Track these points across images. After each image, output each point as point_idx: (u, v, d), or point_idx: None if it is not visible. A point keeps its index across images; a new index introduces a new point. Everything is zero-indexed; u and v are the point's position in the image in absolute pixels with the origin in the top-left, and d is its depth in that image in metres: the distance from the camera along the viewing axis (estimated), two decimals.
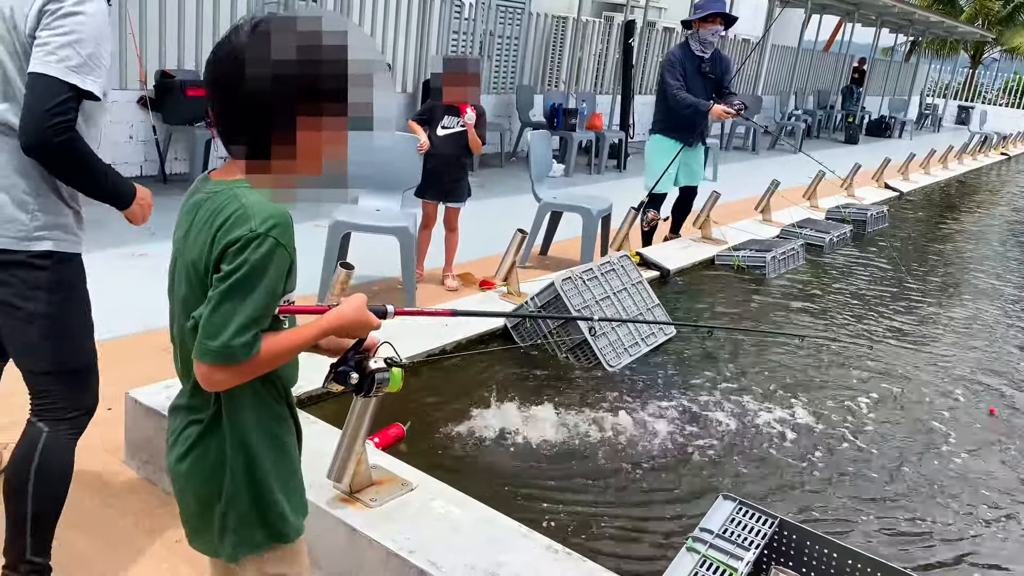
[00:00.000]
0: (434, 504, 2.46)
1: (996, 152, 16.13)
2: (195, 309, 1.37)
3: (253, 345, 1.34)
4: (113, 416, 3.20)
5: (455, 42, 10.28)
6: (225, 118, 1.37)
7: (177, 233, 1.46)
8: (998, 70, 35.33)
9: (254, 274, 1.31)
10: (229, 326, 1.31)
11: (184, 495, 1.54)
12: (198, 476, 1.48)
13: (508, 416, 3.25)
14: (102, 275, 4.78)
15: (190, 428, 1.49)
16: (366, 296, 1.56)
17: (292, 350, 1.44)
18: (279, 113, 1.32)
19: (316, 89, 1.32)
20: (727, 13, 5.72)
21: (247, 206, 1.33)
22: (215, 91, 1.36)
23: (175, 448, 1.51)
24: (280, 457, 1.52)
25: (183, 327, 1.41)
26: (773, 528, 2.35)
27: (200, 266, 1.36)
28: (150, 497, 2.77)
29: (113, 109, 6.96)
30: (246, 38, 1.32)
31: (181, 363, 1.48)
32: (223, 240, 1.32)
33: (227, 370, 1.34)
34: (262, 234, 1.31)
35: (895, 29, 23.02)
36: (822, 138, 18.05)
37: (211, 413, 1.46)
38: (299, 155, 1.36)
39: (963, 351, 4.79)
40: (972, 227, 9.35)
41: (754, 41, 17.45)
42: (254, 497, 1.48)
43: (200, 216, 1.38)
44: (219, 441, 1.46)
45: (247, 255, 1.31)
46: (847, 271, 6.28)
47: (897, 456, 3.36)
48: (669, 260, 5.48)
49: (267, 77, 1.30)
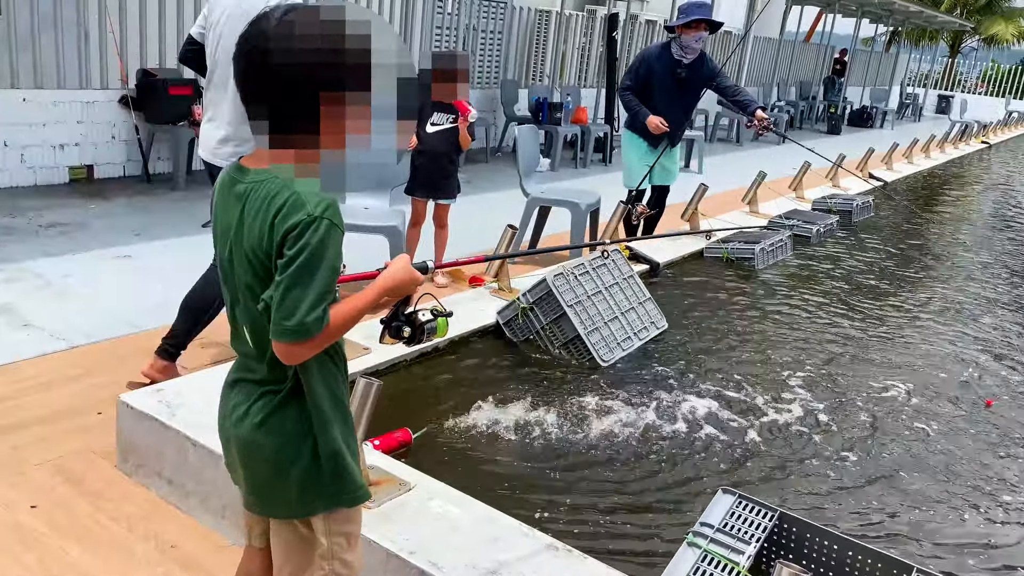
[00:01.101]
0: (432, 504, 2.44)
1: (977, 141, 16.25)
2: (261, 293, 1.46)
3: (324, 319, 1.44)
4: (104, 421, 3.18)
5: (438, 37, 10.23)
6: (253, 98, 1.43)
7: (222, 223, 1.53)
8: (976, 59, 35.65)
9: (316, 255, 1.40)
10: (301, 306, 1.41)
11: (254, 463, 1.62)
12: (275, 442, 1.57)
13: (504, 413, 3.24)
14: (87, 278, 4.76)
15: (264, 398, 1.58)
16: (405, 256, 1.70)
17: (356, 316, 1.53)
18: (302, 96, 1.38)
19: (339, 74, 1.38)
20: (711, 19, 5.51)
21: (300, 192, 1.41)
22: (244, 73, 1.43)
23: (247, 418, 1.59)
24: (346, 424, 1.63)
25: (251, 310, 1.51)
26: (773, 521, 2.35)
27: (261, 252, 1.44)
28: (144, 502, 2.74)
29: (94, 109, 6.89)
30: (273, 24, 1.39)
31: (251, 343, 1.57)
32: (282, 226, 1.40)
33: (304, 344, 1.45)
34: (318, 217, 1.40)
35: (875, 19, 23.16)
36: (805, 129, 18.11)
37: (290, 384, 1.56)
38: (322, 137, 1.41)
39: (961, 338, 4.82)
40: (962, 215, 9.42)
41: (736, 33, 17.50)
42: (329, 461, 1.58)
43: (251, 205, 1.46)
44: (297, 410, 1.56)
45: (307, 238, 1.39)
46: (836, 261, 6.30)
47: (896, 447, 3.37)
48: (659, 253, 5.48)
49: (291, 63, 1.37)
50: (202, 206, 6.49)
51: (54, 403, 3.31)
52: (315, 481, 1.60)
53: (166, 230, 5.81)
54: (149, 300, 4.44)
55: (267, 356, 1.54)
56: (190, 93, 7.13)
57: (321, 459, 1.58)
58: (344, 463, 1.61)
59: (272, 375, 1.57)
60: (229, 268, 1.55)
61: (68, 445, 3.01)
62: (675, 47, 5.59)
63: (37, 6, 6.50)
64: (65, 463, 2.90)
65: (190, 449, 2.66)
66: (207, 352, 3.86)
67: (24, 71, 6.52)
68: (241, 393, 1.62)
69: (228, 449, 1.69)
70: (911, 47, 30.42)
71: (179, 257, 5.28)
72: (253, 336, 1.57)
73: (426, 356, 3.65)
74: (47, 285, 4.57)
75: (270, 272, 1.45)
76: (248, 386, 1.62)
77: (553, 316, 3.86)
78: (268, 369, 1.57)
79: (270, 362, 1.55)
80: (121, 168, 7.22)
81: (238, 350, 1.65)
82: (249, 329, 1.57)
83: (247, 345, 1.60)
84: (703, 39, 5.51)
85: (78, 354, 3.78)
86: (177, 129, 7.02)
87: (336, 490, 1.62)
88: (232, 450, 1.66)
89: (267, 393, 1.58)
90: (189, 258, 5.33)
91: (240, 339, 1.62)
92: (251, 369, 1.61)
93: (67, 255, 5.10)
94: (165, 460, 2.75)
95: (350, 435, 1.66)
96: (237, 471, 1.69)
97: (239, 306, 1.57)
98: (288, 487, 1.60)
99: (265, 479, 1.62)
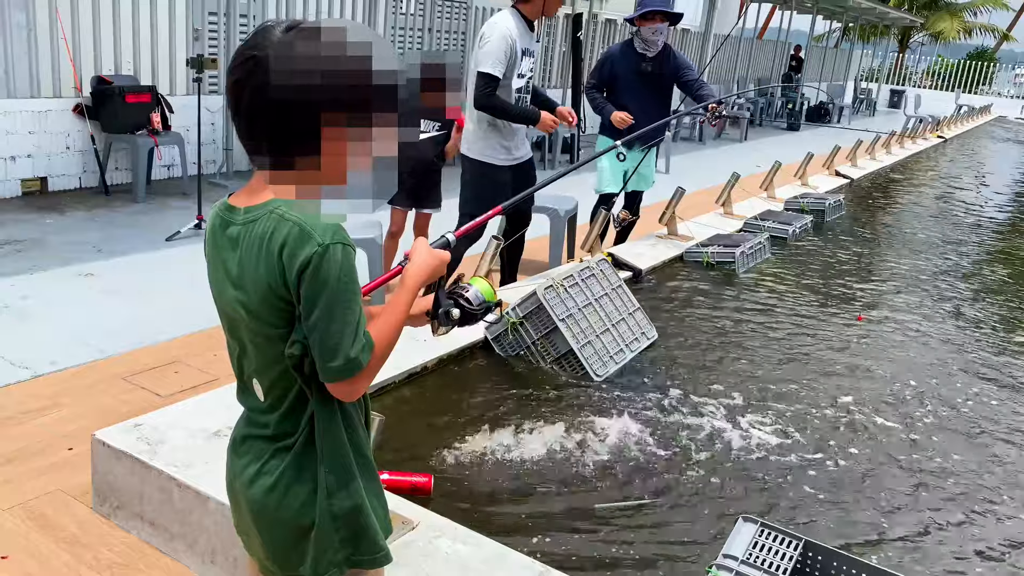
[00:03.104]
0: (440, 543, 2.31)
1: (933, 136, 16.48)
2: (277, 336, 1.37)
3: (368, 345, 1.37)
4: (76, 457, 2.98)
5: (401, 38, 10.06)
6: (248, 126, 1.34)
7: (219, 270, 1.41)
8: (922, 53, 36.41)
9: (340, 286, 1.32)
10: (344, 342, 1.33)
11: (272, 527, 1.49)
12: (294, 504, 1.46)
13: (500, 436, 3.10)
14: (48, 299, 4.51)
15: (277, 457, 1.46)
16: (423, 239, 1.60)
17: (399, 326, 1.46)
18: (302, 119, 1.29)
19: (339, 97, 1.30)
20: (669, 11, 5.39)
21: (301, 223, 1.31)
22: (238, 98, 1.33)
23: (260, 479, 1.46)
24: (368, 475, 1.52)
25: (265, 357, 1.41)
26: (798, 551, 2.25)
27: (272, 296, 1.34)
28: (124, 548, 2.56)
29: (47, 119, 6.60)
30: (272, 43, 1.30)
31: (263, 393, 1.46)
32: (293, 263, 1.30)
33: (359, 377, 1.38)
34: (329, 244, 1.30)
35: (829, 16, 23.47)
36: (764, 126, 18.26)
37: (303, 438, 1.45)
38: (323, 164, 1.32)
39: (961, 338, 4.80)
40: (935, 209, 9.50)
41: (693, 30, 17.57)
42: (349, 517, 1.47)
43: (247, 248, 1.35)
44: (313, 465, 1.45)
45: (325, 271, 1.30)
46: (816, 261, 6.27)
47: (919, 463, 3.26)
48: (640, 259, 5.39)
49: (291, 84, 1.28)
50: (164, 218, 6.26)
51: (20, 439, 3.10)
52: (331, 541, 1.48)
53: (129, 245, 5.58)
54: (115, 322, 4.23)
55: (281, 407, 1.44)
56: (148, 101, 6.88)
57: (340, 517, 1.46)
58: (366, 521, 1.50)
59: (283, 428, 1.46)
60: (234, 316, 1.42)
61: (39, 486, 2.81)
62: (637, 41, 5.51)
63: None
64: (37, 506, 2.71)
65: (175, 490, 2.48)
66: (179, 378, 3.67)
67: None
68: (251, 452, 1.50)
69: (238, 512, 1.55)
70: (863, 43, 30.92)
71: (145, 274, 5.06)
72: (265, 384, 1.45)
73: (414, 377, 3.50)
74: (4, 308, 4.33)
75: (284, 313, 1.35)
76: (258, 443, 1.49)
77: (544, 330, 3.73)
78: (279, 421, 1.46)
79: (283, 414, 1.45)
80: (77, 180, 6.93)
81: (245, 404, 1.53)
82: (261, 379, 1.45)
83: (255, 399, 1.48)
84: (662, 31, 5.42)
85: (42, 383, 3.56)
86: (135, 138, 6.76)
87: (352, 551, 1.50)
88: (243, 514, 1.52)
89: (280, 450, 1.46)
90: (155, 275, 5.16)
91: (247, 392, 1.50)
92: (261, 424, 1.49)
93: (24, 274, 4.85)
94: (147, 502, 2.57)
95: (374, 488, 1.54)
96: (250, 536, 1.55)
97: (246, 357, 1.46)
98: (304, 552, 1.49)
99: (283, 543, 1.50)
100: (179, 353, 3.91)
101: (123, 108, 6.72)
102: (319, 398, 1.42)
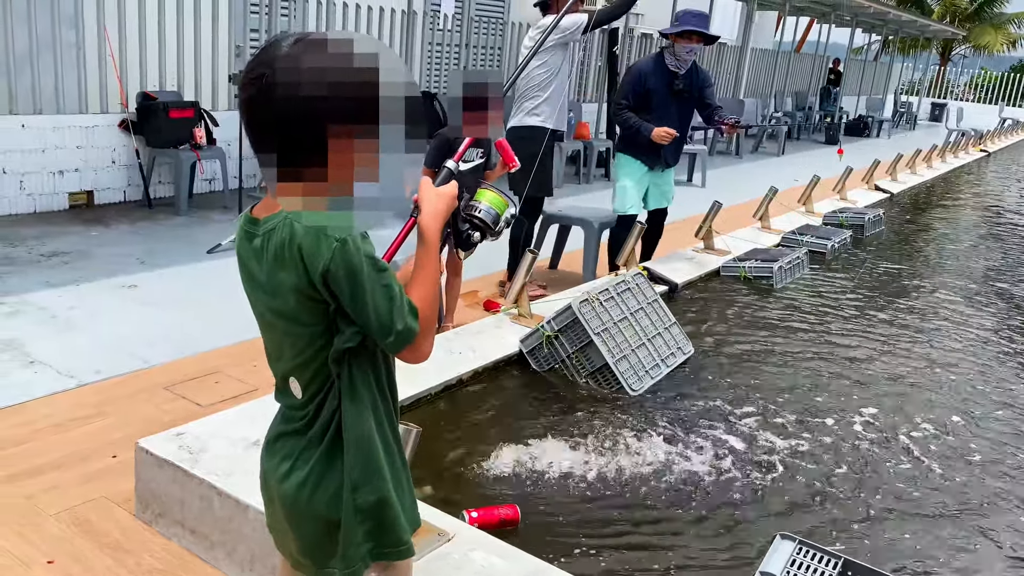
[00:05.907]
0: (475, 556, 2.31)
1: (976, 149, 16.22)
2: (312, 329, 1.42)
3: (413, 310, 1.42)
4: (119, 465, 3.04)
5: (439, 54, 10.16)
6: (257, 137, 1.38)
7: (249, 282, 1.49)
8: (964, 66, 35.79)
9: (368, 269, 1.36)
10: (391, 318, 1.39)
11: (305, 524, 1.54)
12: (324, 497, 1.50)
13: (538, 450, 3.11)
14: (93, 309, 4.61)
15: (309, 449, 1.51)
16: (426, 179, 1.61)
17: (435, 282, 1.50)
18: (309, 130, 1.32)
19: (345, 109, 1.32)
20: (706, 32, 5.25)
21: (314, 224, 1.35)
22: (248, 110, 1.37)
23: (292, 475, 1.52)
24: (395, 469, 1.55)
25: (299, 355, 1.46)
26: (837, 569, 2.23)
27: (303, 295, 1.39)
28: (165, 554, 2.60)
29: (95, 134, 6.76)
30: (280, 56, 1.33)
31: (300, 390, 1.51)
32: (316, 264, 1.35)
33: (418, 342, 1.44)
34: (344, 238, 1.35)
35: (868, 29, 23.21)
36: (803, 139, 18.09)
37: (332, 431, 1.50)
38: (330, 176, 1.35)
39: (1011, 362, 4.71)
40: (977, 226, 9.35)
41: (729, 44, 17.49)
42: (375, 510, 1.51)
43: (270, 255, 1.41)
44: (342, 458, 1.49)
45: (349, 262, 1.34)
46: (854, 277, 6.20)
47: (962, 478, 3.22)
48: (675, 273, 5.37)
49: (297, 96, 1.31)
50: (206, 231, 6.36)
51: (66, 447, 3.17)
52: (355, 534, 1.52)
53: (171, 257, 5.68)
54: (157, 332, 4.30)
55: (314, 401, 1.50)
56: (191, 116, 7.01)
57: (364, 510, 1.51)
58: (392, 513, 1.54)
59: (318, 420, 1.52)
60: (269, 321, 1.49)
61: (84, 493, 2.87)
62: (668, 57, 5.33)
63: (35, 29, 6.38)
64: (82, 512, 2.76)
65: (215, 498, 2.52)
66: (220, 388, 3.73)
67: (23, 96, 6.39)
68: (284, 448, 1.56)
69: (271, 508, 1.59)
70: (903, 56, 30.52)
71: (186, 286, 5.15)
72: (303, 381, 1.51)
73: (450, 389, 3.52)
74: (51, 318, 4.43)
75: (316, 312, 1.41)
76: (291, 440, 1.55)
77: (579, 344, 3.74)
78: (314, 413, 1.52)
79: (317, 406, 1.51)
80: (122, 193, 7.08)
81: (282, 402, 1.59)
82: (299, 376, 1.51)
83: (292, 397, 1.54)
84: (695, 52, 5.30)
85: (87, 392, 3.64)
86: (178, 153, 6.89)
87: (376, 544, 1.54)
88: (276, 509, 1.57)
89: (312, 443, 1.52)
90: (196, 287, 5.26)
91: (285, 392, 1.56)
92: (296, 419, 1.55)
93: (70, 285, 4.95)
94: (188, 510, 2.62)
95: (401, 481, 1.58)
96: (283, 532, 1.59)
97: (284, 358, 1.52)
98: (335, 545, 1.53)
99: (315, 536, 1.55)
100: (219, 363, 3.97)
101: (167, 123, 6.85)
102: (349, 393, 1.47)
